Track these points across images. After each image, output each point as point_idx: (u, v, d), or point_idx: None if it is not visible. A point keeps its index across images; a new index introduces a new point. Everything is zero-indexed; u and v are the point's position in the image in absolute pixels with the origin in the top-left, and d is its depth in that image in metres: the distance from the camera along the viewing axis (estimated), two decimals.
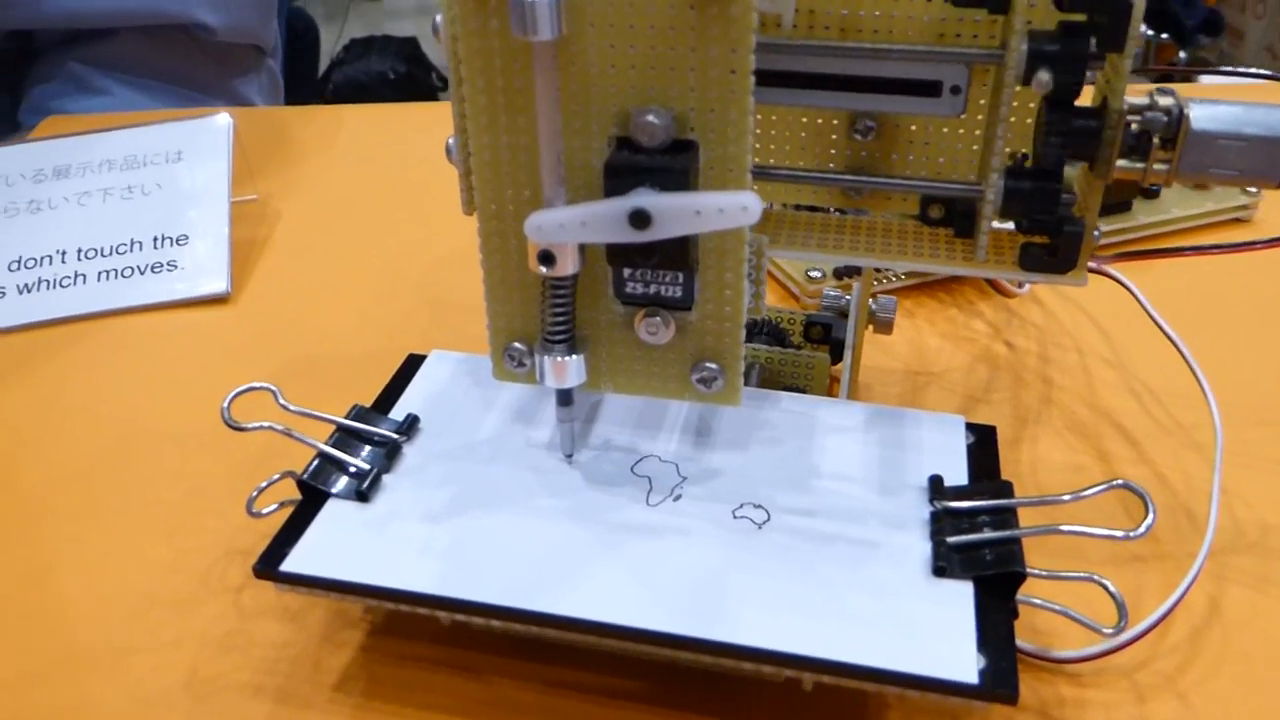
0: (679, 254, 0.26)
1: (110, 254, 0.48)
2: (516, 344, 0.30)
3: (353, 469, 0.31)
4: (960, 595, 0.26)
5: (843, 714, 0.29)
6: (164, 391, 0.43)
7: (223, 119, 0.52)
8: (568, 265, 0.27)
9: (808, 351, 0.38)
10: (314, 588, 0.28)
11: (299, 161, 0.63)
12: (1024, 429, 0.41)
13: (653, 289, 0.28)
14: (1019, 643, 0.29)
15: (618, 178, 0.26)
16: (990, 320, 0.47)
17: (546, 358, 0.29)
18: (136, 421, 0.41)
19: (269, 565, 0.28)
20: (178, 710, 0.29)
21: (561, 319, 0.28)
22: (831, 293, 0.41)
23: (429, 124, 0.27)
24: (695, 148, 0.26)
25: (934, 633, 0.25)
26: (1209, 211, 0.54)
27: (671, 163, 0.25)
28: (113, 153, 0.51)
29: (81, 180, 0.50)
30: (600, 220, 0.26)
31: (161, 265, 0.48)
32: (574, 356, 0.29)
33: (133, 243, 0.48)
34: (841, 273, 0.47)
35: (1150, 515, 0.27)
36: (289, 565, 0.28)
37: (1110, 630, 0.27)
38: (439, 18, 0.28)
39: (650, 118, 0.25)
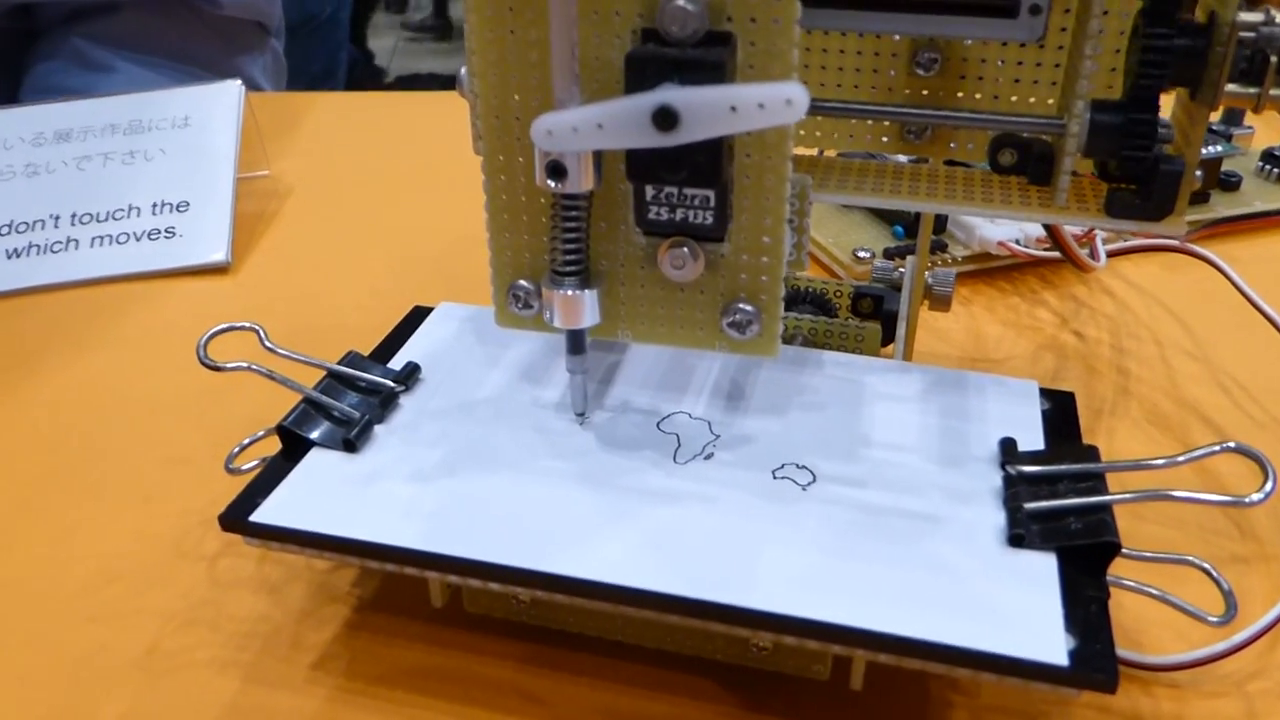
0: (711, 167, 0.23)
1: (106, 219, 0.45)
2: (522, 281, 0.26)
3: (340, 416, 0.27)
4: (1042, 568, 0.22)
5: (896, 718, 0.25)
6: (152, 359, 0.40)
7: (234, 85, 0.49)
8: (581, 180, 0.23)
9: (857, 322, 0.34)
10: (286, 542, 0.24)
11: (316, 143, 0.60)
12: (1099, 421, 0.36)
13: (679, 214, 0.24)
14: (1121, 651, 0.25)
15: (641, 72, 0.22)
16: (1056, 309, 0.43)
17: (556, 292, 0.25)
18: (121, 389, 0.38)
19: (238, 515, 0.24)
20: (127, 687, 0.26)
21: (573, 246, 0.24)
22: (883, 264, 0.37)
23: (450, 111, 0.25)
24: (732, 40, 0.22)
25: (1012, 608, 0.21)
26: None
27: (705, 55, 0.22)
28: (117, 117, 0.48)
29: (83, 144, 0.47)
30: (619, 120, 0.22)
31: (159, 232, 0.45)
32: (587, 292, 0.25)
33: (130, 208, 0.45)
34: (893, 253, 0.43)
35: (1271, 481, 0.22)
36: (259, 516, 0.24)
37: (1216, 619, 0.23)
38: None
39: (681, 2, 0.22)
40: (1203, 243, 0.47)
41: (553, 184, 0.23)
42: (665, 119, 0.21)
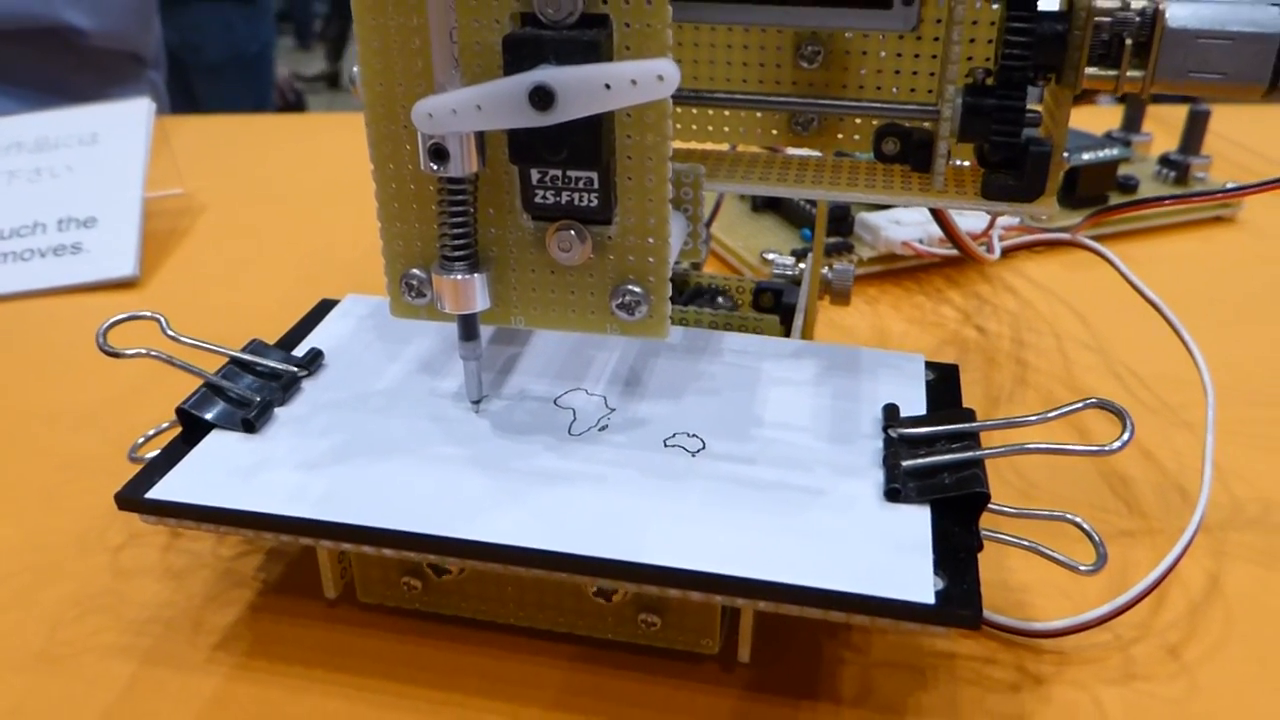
0: (591, 147, 0.23)
1: (10, 236, 0.44)
2: (415, 270, 0.26)
3: (240, 399, 0.27)
4: (916, 519, 0.23)
5: (790, 685, 0.25)
6: (56, 372, 0.39)
7: (143, 103, 0.49)
8: (464, 163, 0.24)
9: (755, 315, 0.34)
10: (181, 517, 0.24)
11: (234, 163, 0.60)
12: (996, 409, 0.37)
13: (565, 198, 0.24)
14: (995, 615, 0.26)
15: (519, 54, 0.22)
16: (960, 306, 0.44)
17: (445, 278, 0.25)
18: (25, 400, 0.37)
19: (134, 493, 0.24)
20: (23, 674, 0.25)
21: (460, 230, 0.25)
22: (784, 260, 0.38)
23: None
24: (608, 22, 0.23)
25: (886, 555, 0.22)
26: (1190, 207, 0.52)
27: (580, 36, 0.22)
28: (24, 135, 0.48)
29: None
30: (497, 101, 0.22)
31: (65, 248, 0.44)
32: (476, 276, 0.25)
33: (35, 225, 0.45)
34: (799, 253, 0.44)
35: (1128, 431, 0.23)
36: (155, 493, 0.24)
37: (1087, 568, 0.24)
38: None
39: None
40: (1102, 244, 0.49)
41: (435, 167, 0.24)
42: (541, 98, 0.22)
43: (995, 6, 0.28)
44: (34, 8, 0.65)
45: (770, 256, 0.44)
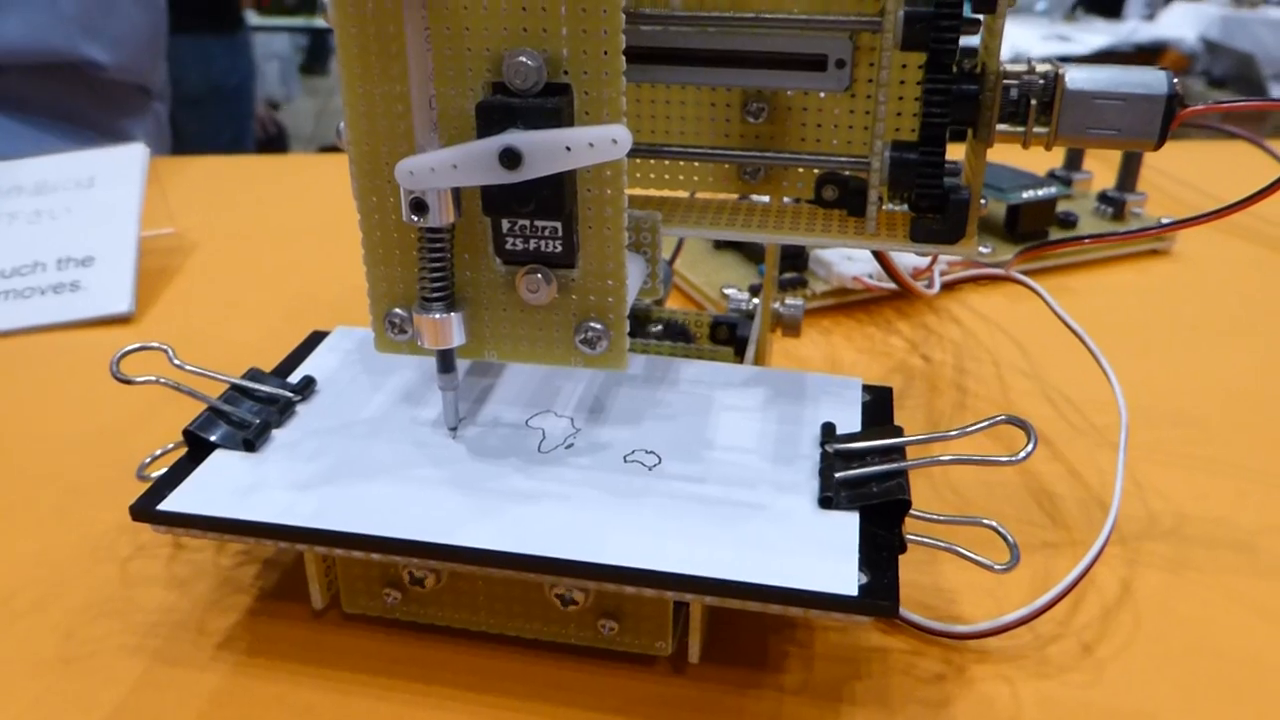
0: (554, 200, 0.26)
1: (12, 275, 0.47)
2: (397, 310, 0.29)
3: (241, 421, 0.30)
4: (846, 523, 0.26)
5: (737, 678, 0.28)
6: (57, 403, 0.41)
7: (138, 148, 0.52)
8: (442, 215, 0.26)
9: (710, 347, 0.37)
10: (191, 527, 0.27)
11: (222, 202, 0.63)
12: (936, 431, 0.40)
13: (533, 244, 0.27)
14: (923, 619, 0.29)
15: (490, 119, 0.25)
16: (908, 337, 0.47)
17: (424, 317, 0.28)
18: (29, 428, 0.40)
19: (147, 506, 0.27)
20: (42, 673, 0.28)
21: (439, 274, 0.27)
22: (739, 295, 0.41)
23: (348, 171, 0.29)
24: (569, 90, 0.26)
25: (818, 555, 0.25)
26: (1124, 242, 0.55)
27: (544, 103, 0.25)
28: (24, 179, 0.50)
29: None
30: (471, 160, 0.25)
31: (64, 286, 0.47)
32: (453, 315, 0.28)
33: (35, 264, 0.47)
34: (757, 289, 0.47)
35: (1030, 443, 0.26)
36: (166, 505, 0.27)
37: (1001, 566, 0.27)
38: None
39: (522, 59, 0.25)
40: (1043, 276, 0.53)
41: (416, 219, 0.26)
42: (510, 158, 0.25)
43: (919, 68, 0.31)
44: (57, 43, 0.68)
45: (728, 292, 0.47)
